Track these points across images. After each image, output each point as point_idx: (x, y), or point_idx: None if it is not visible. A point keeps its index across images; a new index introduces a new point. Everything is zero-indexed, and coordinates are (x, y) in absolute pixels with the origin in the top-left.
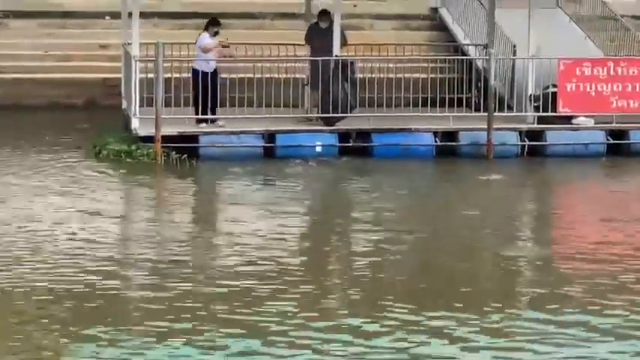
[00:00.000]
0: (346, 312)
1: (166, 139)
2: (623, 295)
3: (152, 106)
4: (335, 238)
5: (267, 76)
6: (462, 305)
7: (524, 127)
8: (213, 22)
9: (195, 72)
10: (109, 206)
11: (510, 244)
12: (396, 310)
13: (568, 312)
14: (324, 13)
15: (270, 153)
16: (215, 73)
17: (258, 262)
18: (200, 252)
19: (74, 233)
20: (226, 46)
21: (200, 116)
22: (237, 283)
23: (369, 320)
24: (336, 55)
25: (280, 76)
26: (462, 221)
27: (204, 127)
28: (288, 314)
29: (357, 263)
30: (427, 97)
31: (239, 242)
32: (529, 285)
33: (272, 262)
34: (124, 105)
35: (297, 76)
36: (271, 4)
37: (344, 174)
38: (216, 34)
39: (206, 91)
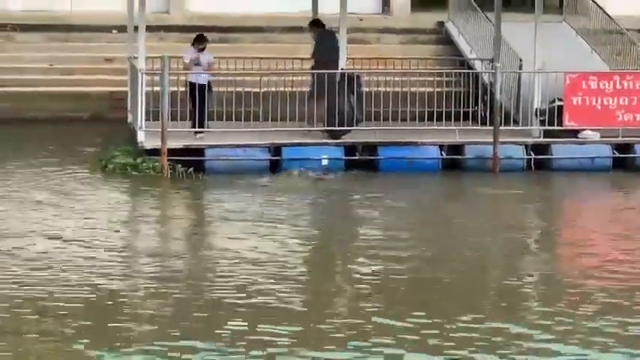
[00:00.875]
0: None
1: (172, 152)
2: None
3: (158, 119)
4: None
5: (274, 89)
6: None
7: (530, 140)
8: (198, 38)
9: (189, 85)
10: (112, 220)
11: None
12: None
13: None
14: (313, 24)
15: (277, 166)
16: (205, 86)
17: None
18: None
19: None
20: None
21: (194, 129)
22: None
23: None
24: (342, 69)
25: (286, 89)
26: (478, 240)
27: (201, 138)
28: None
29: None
30: (433, 111)
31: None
32: None
33: (270, 291)
34: (130, 119)
35: (304, 89)
36: (279, 17)
37: (350, 188)
38: (201, 50)
39: (195, 103)
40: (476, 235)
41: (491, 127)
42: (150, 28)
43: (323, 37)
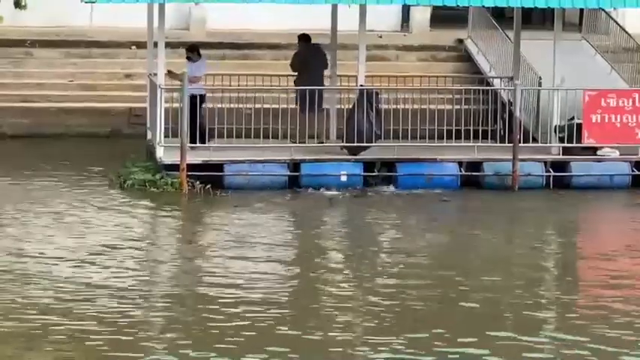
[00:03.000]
0: None
1: (191, 167)
2: None
3: (177, 135)
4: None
5: (293, 106)
6: None
7: (549, 158)
8: (187, 48)
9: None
10: (128, 237)
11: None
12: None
13: None
14: (301, 38)
15: (295, 182)
16: (196, 98)
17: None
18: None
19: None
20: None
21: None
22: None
23: None
24: (361, 85)
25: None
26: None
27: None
28: None
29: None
30: (452, 129)
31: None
32: None
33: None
34: (149, 135)
35: (324, 106)
36: (297, 34)
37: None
38: (189, 59)
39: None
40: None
41: (510, 145)
42: (169, 45)
43: (308, 51)
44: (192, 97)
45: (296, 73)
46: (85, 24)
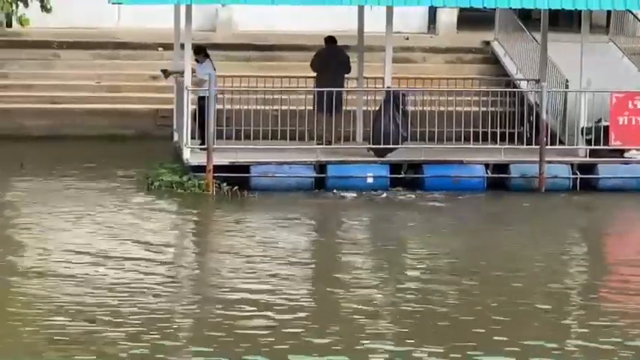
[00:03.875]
0: None
1: (218, 169)
2: None
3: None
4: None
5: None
6: None
7: (575, 160)
8: (194, 50)
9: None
10: (157, 239)
11: None
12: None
13: None
14: (326, 40)
15: (321, 184)
16: (204, 99)
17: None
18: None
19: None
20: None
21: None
22: None
23: None
24: (388, 87)
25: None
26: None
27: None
28: None
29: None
30: (478, 132)
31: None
32: None
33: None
34: (175, 137)
35: (348, 108)
36: (323, 36)
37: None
38: (197, 61)
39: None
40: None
41: (537, 147)
42: (196, 46)
43: (328, 52)
44: (200, 99)
45: (315, 73)
46: (112, 25)
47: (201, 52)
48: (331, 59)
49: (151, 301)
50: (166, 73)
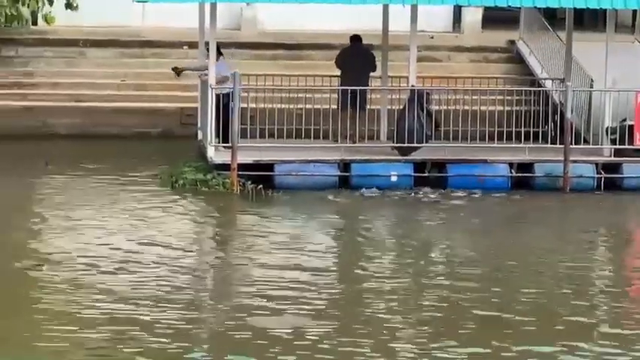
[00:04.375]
0: None
1: (242, 167)
2: None
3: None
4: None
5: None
6: None
7: (600, 159)
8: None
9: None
10: (179, 237)
11: None
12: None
13: None
14: (352, 38)
15: (345, 182)
16: (219, 97)
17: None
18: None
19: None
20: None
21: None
22: None
23: None
24: (412, 85)
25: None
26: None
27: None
28: None
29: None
30: (503, 131)
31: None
32: None
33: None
34: (200, 136)
35: (372, 107)
36: (348, 35)
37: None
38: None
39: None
40: None
41: (561, 146)
42: (221, 45)
43: (352, 50)
44: (222, 97)
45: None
46: (137, 24)
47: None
48: (356, 57)
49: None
50: (177, 70)
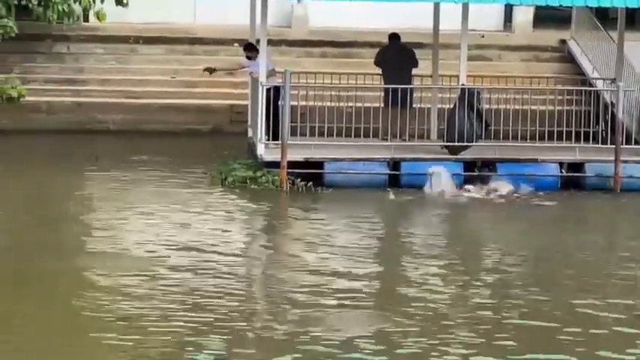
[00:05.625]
0: None
1: (291, 165)
2: None
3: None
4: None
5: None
6: None
7: None
8: (245, 47)
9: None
10: (230, 234)
11: None
12: None
13: None
14: (393, 37)
15: (395, 181)
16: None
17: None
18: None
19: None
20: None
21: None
22: None
23: None
24: (463, 84)
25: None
26: None
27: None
28: None
29: None
30: (553, 131)
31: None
32: None
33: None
34: (250, 132)
35: (422, 105)
36: (399, 33)
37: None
38: (248, 58)
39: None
40: None
41: (612, 146)
42: (271, 42)
43: (390, 49)
44: (268, 91)
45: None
46: (188, 21)
47: (252, 49)
48: (396, 55)
49: (225, 300)
50: (210, 70)
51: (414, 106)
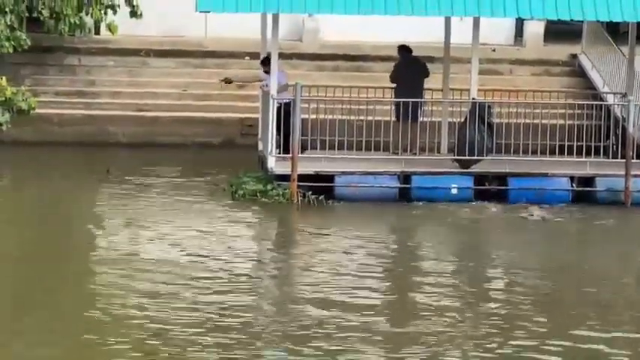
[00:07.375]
0: None
1: (302, 178)
2: None
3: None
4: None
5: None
6: None
7: None
8: (262, 61)
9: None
10: (240, 248)
11: None
12: None
13: None
14: (400, 49)
15: (405, 195)
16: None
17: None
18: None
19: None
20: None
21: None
22: None
23: None
24: (473, 98)
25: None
26: None
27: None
28: None
29: None
30: (564, 145)
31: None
32: None
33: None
34: (260, 145)
35: (433, 119)
36: (410, 47)
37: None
38: (266, 72)
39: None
40: None
41: (623, 161)
42: (282, 56)
43: (403, 62)
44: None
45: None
46: (200, 34)
47: (269, 63)
48: (408, 69)
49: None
50: (227, 81)
51: (420, 119)
